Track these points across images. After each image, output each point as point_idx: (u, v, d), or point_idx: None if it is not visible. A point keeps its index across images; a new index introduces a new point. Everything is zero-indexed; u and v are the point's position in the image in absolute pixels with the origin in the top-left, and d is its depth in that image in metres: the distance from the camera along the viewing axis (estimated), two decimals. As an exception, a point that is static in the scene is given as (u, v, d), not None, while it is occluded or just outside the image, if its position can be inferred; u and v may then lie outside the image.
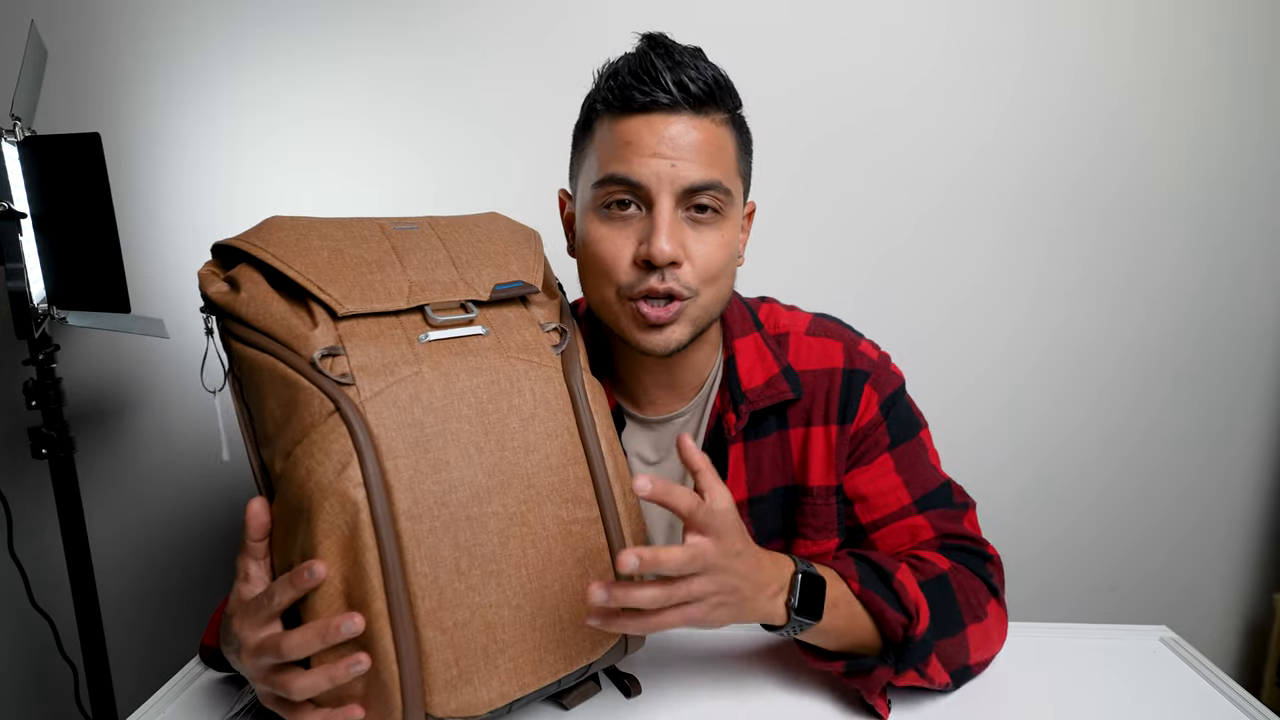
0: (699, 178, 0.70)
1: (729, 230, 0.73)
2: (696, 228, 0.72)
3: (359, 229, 0.65)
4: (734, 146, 0.74)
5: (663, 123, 0.69)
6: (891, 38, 1.27)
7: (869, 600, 0.68)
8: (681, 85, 0.69)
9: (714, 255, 0.72)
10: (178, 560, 1.43)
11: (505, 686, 0.57)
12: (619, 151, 0.70)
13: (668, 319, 0.71)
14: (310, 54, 1.28)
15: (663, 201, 0.69)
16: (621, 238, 0.72)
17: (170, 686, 0.72)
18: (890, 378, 0.83)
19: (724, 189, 0.71)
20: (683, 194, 0.70)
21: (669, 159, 0.69)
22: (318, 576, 0.53)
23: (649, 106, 0.69)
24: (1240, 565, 1.44)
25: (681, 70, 0.69)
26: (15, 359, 1.35)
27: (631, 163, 0.70)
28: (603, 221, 0.73)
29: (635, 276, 0.71)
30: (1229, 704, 0.68)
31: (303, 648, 0.53)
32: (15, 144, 1.07)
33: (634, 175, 0.70)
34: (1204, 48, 1.27)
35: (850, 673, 0.67)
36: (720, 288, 0.74)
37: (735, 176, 0.74)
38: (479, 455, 0.58)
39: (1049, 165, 1.30)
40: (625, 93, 0.70)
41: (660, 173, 0.69)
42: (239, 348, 0.60)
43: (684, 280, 0.71)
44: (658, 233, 0.69)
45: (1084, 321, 1.36)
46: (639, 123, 0.70)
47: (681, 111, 0.70)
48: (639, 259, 0.70)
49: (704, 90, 0.70)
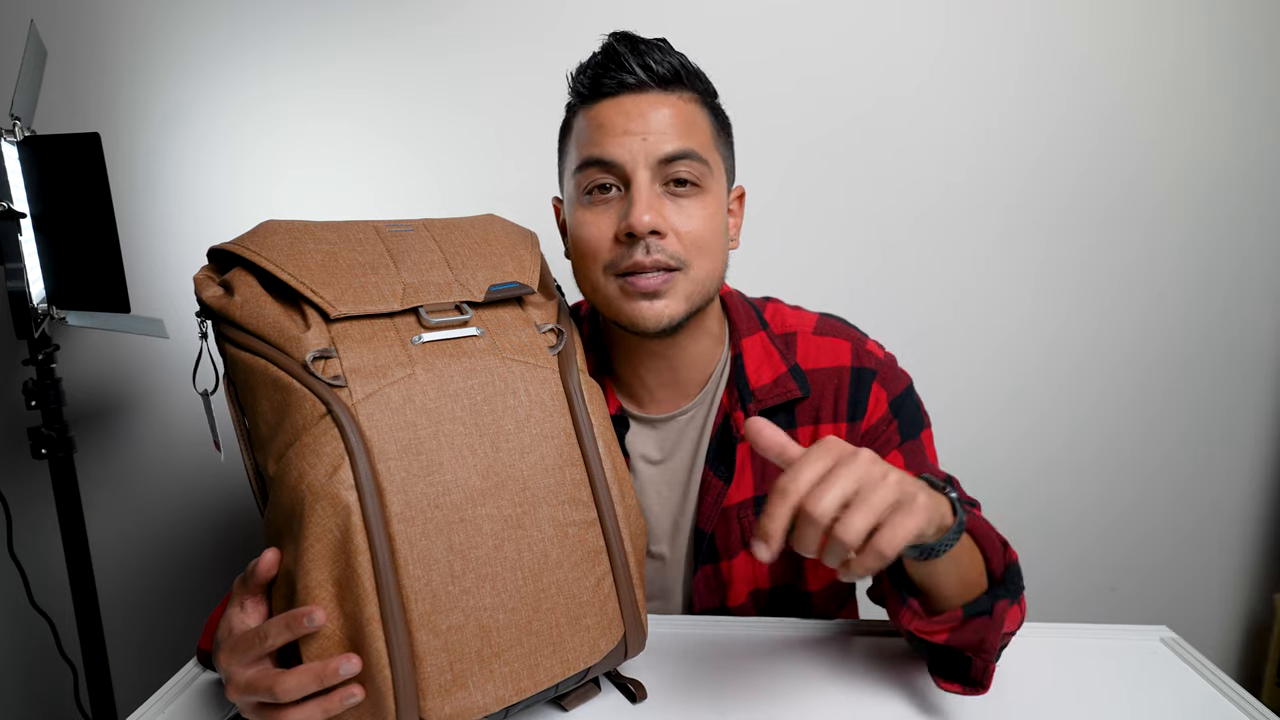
0: (672, 148, 0.71)
1: (712, 203, 0.74)
2: (677, 200, 0.72)
3: (354, 232, 0.65)
4: (708, 123, 0.75)
5: (631, 102, 0.72)
6: (891, 36, 1.27)
7: (973, 526, 0.64)
8: (646, 66, 0.72)
9: (699, 226, 0.73)
10: (178, 560, 1.43)
11: (501, 691, 0.57)
12: (593, 135, 0.73)
13: (658, 286, 0.72)
14: (310, 54, 1.28)
15: (639, 176, 0.71)
16: (604, 219, 0.73)
17: (170, 687, 0.72)
18: (899, 376, 0.83)
19: (699, 158, 0.72)
20: (658, 166, 0.71)
21: (639, 134, 0.71)
22: (316, 624, 0.52)
23: (617, 89, 0.72)
24: (1240, 565, 1.44)
25: (647, 54, 0.72)
26: (15, 359, 1.35)
27: (605, 144, 0.72)
28: (585, 208, 0.74)
29: (619, 252, 0.72)
30: (1229, 704, 0.68)
31: (298, 690, 0.52)
32: (15, 144, 1.07)
33: (608, 155, 0.71)
34: (1204, 47, 1.27)
35: (970, 617, 0.62)
36: (712, 261, 0.75)
37: (712, 149, 0.75)
38: (473, 457, 0.58)
39: (1049, 165, 1.30)
40: (594, 81, 0.73)
41: (633, 148, 0.71)
42: (233, 351, 0.60)
43: (670, 250, 0.72)
44: (635, 204, 0.70)
45: (1084, 321, 1.35)
46: (609, 106, 0.73)
47: (649, 90, 0.72)
48: (621, 234, 0.71)
49: (669, 70, 0.72)
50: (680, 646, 0.77)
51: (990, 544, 0.65)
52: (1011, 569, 0.65)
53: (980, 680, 0.64)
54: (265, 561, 0.57)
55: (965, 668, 0.65)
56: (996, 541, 0.66)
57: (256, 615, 0.58)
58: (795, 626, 0.80)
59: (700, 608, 0.84)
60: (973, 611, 0.62)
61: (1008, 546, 0.66)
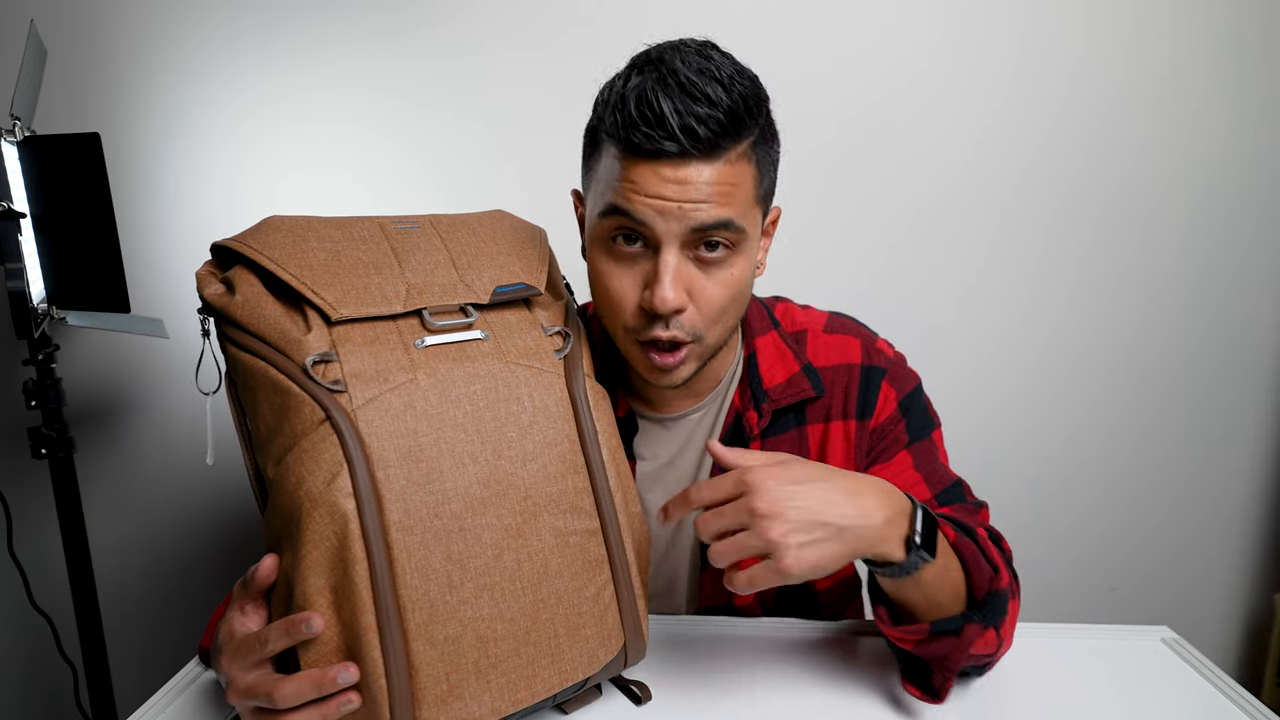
0: (708, 218, 0.64)
1: (741, 264, 0.69)
2: (705, 268, 0.68)
3: (358, 229, 0.63)
4: (753, 176, 0.68)
5: (670, 169, 0.64)
6: (886, 34, 1.26)
7: (963, 548, 0.64)
8: (689, 131, 0.62)
9: (722, 295, 0.68)
10: (178, 560, 1.43)
11: (497, 702, 0.56)
12: (623, 188, 0.65)
13: (673, 364, 0.70)
14: (311, 55, 1.27)
15: (668, 247, 0.65)
16: (628, 277, 0.68)
17: (170, 687, 0.72)
18: (908, 375, 0.83)
19: (737, 227, 0.66)
20: (690, 235, 0.65)
21: (675, 201, 0.64)
22: (314, 630, 0.52)
23: (655, 155, 0.63)
24: (1240, 565, 1.44)
25: (690, 109, 0.62)
26: (15, 359, 1.35)
27: (635, 202, 0.65)
28: (608, 255, 0.70)
29: (641, 321, 0.69)
30: (1229, 704, 0.68)
31: (297, 697, 0.52)
32: (15, 144, 1.07)
33: (638, 214, 0.65)
34: (1202, 43, 1.26)
35: (936, 634, 0.62)
36: (729, 324, 0.72)
37: (753, 207, 0.69)
38: (474, 465, 0.57)
39: (1047, 165, 1.30)
40: (629, 135, 0.64)
41: (667, 216, 0.64)
42: (234, 351, 0.59)
43: (689, 326, 0.68)
44: (661, 283, 0.65)
45: (1084, 321, 1.35)
46: (644, 168, 0.64)
47: (690, 158, 0.63)
48: (645, 303, 0.67)
49: (716, 130, 0.63)
50: (685, 647, 0.76)
51: (978, 569, 0.64)
52: (995, 596, 0.64)
53: (938, 691, 0.65)
54: (264, 568, 0.57)
55: (928, 676, 0.66)
56: (986, 567, 0.65)
57: (257, 619, 0.58)
58: (800, 627, 0.80)
59: (705, 606, 0.84)
60: (940, 629, 0.63)
61: (1001, 573, 0.65)
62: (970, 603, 0.65)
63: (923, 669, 0.66)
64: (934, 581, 0.62)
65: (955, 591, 0.64)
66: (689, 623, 0.81)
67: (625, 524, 0.64)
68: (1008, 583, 0.66)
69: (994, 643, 0.66)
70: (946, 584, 0.64)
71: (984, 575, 0.64)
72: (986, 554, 0.66)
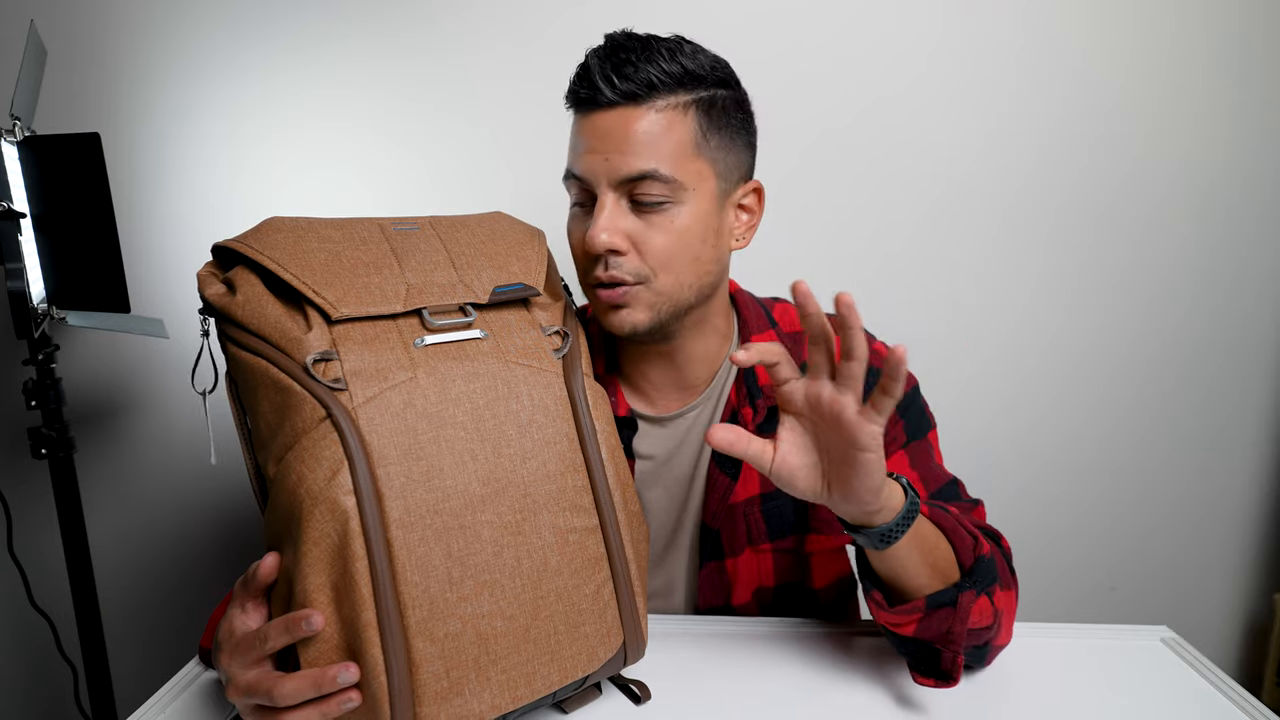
0: (630, 169, 0.71)
1: (686, 215, 0.73)
2: (644, 215, 0.73)
3: (358, 230, 0.64)
4: (689, 131, 0.72)
5: (601, 118, 0.72)
6: (890, 35, 1.26)
7: (939, 519, 0.68)
8: (614, 80, 0.70)
9: (665, 244, 0.73)
10: (178, 560, 1.43)
11: (497, 699, 0.56)
12: (572, 147, 0.75)
13: (616, 300, 0.74)
14: (311, 55, 1.27)
15: (602, 194, 0.72)
16: (581, 230, 0.75)
17: (170, 687, 0.72)
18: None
19: (664, 177, 0.71)
20: (620, 185, 0.72)
21: (602, 154, 0.71)
22: (314, 627, 0.52)
23: (589, 104, 0.72)
24: (1240, 565, 1.44)
25: (622, 65, 0.70)
26: (15, 359, 1.35)
27: (576, 159, 0.74)
28: (571, 216, 0.78)
29: (587, 264, 0.75)
30: (1229, 704, 0.68)
31: (296, 695, 0.53)
32: (15, 144, 1.07)
33: (577, 170, 0.74)
34: (1203, 47, 1.26)
35: (932, 608, 0.64)
36: (681, 274, 0.74)
37: (689, 159, 0.72)
38: (473, 463, 0.58)
39: (1048, 165, 1.30)
40: (574, 94, 0.74)
41: (595, 168, 0.72)
42: (234, 351, 0.60)
43: (629, 267, 0.73)
44: (594, 224, 0.72)
45: (1084, 321, 1.35)
46: (583, 121, 0.73)
47: (618, 106, 0.71)
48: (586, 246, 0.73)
49: (643, 82, 0.70)
50: (683, 646, 0.76)
51: (959, 537, 0.67)
52: (981, 562, 0.66)
53: (950, 672, 0.65)
54: (265, 566, 0.57)
55: (936, 660, 0.66)
56: (966, 536, 0.67)
57: (257, 617, 0.59)
58: (798, 626, 0.80)
59: (704, 606, 0.84)
60: (936, 602, 0.64)
61: (981, 541, 0.68)
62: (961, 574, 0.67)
63: (930, 656, 0.67)
64: (922, 546, 0.65)
65: (946, 560, 0.66)
66: (688, 622, 0.81)
67: (624, 522, 0.65)
68: (990, 549, 0.68)
69: (989, 612, 0.67)
70: (938, 550, 0.66)
71: (966, 541, 0.67)
72: (961, 524, 0.69)
